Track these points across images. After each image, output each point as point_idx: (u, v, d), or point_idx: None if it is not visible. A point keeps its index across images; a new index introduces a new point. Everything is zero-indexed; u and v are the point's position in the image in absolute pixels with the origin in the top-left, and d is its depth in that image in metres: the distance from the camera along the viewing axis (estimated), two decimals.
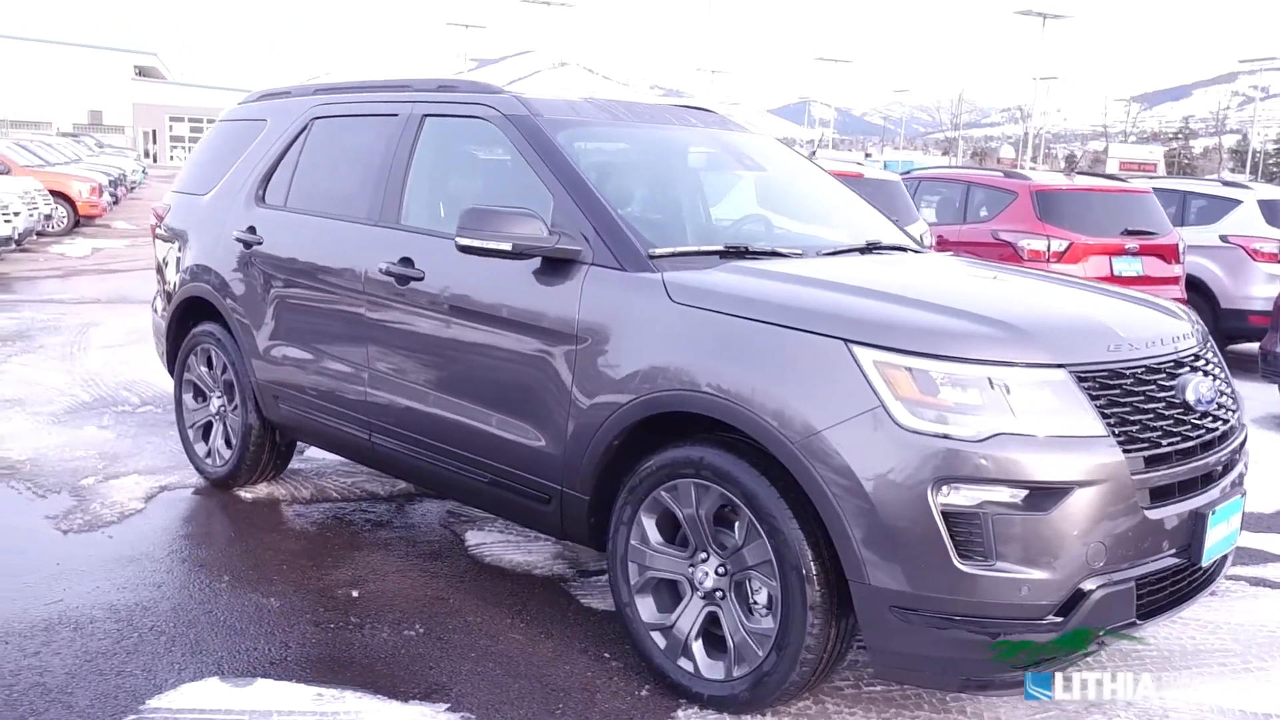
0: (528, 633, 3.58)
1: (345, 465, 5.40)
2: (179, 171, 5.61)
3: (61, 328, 9.07)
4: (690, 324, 3.04)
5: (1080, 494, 2.63)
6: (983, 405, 2.64)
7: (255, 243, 4.57)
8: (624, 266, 3.26)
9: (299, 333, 4.38)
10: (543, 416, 3.40)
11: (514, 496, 3.58)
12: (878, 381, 2.69)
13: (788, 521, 2.80)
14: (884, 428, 2.66)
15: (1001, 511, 2.61)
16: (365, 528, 4.56)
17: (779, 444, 2.78)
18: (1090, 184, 8.94)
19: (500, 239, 3.31)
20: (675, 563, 3.14)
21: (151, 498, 4.81)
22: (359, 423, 4.12)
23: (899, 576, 2.66)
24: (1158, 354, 2.94)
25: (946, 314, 2.84)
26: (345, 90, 4.63)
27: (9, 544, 4.18)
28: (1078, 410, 2.69)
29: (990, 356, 2.68)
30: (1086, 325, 2.93)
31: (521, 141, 3.66)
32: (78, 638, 3.39)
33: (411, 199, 4.01)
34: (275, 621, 3.58)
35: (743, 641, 2.96)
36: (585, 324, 3.27)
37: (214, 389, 4.96)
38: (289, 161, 4.64)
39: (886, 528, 2.65)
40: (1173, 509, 2.82)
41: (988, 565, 2.62)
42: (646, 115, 4.14)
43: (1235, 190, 9.99)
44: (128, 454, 5.44)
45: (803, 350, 2.81)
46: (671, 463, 3.07)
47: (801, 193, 4.40)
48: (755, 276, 3.18)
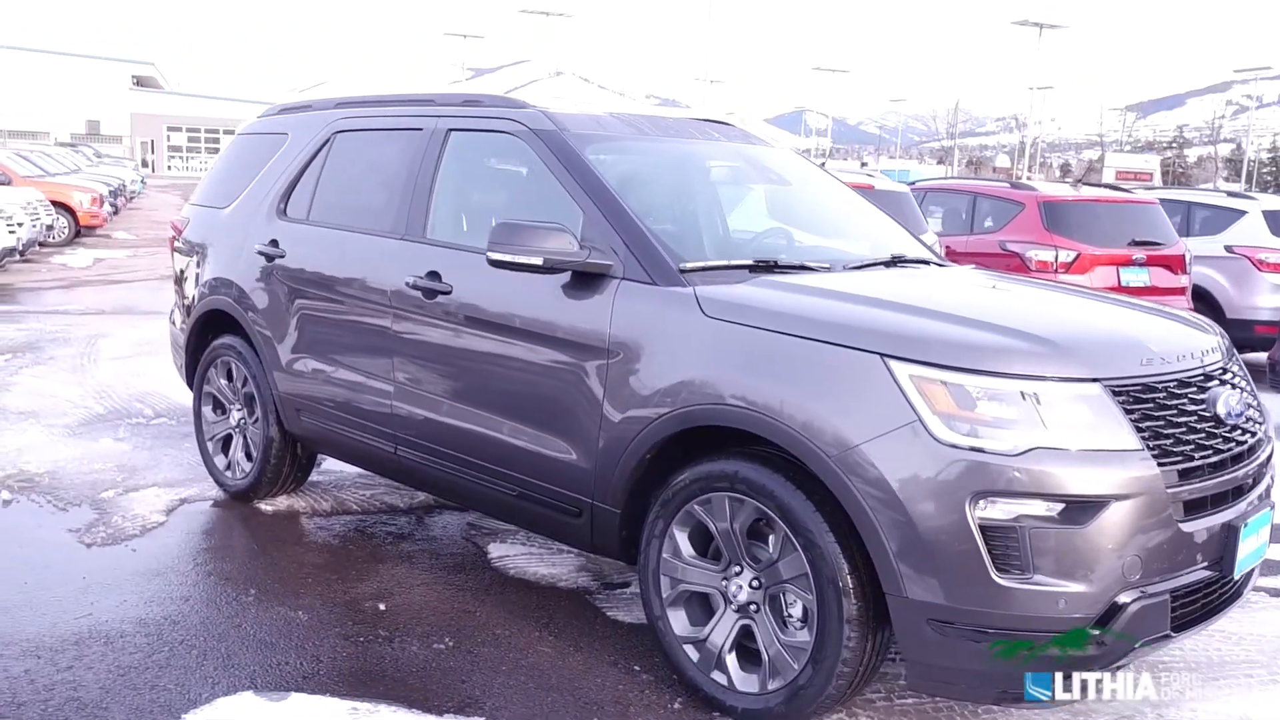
0: (557, 645, 3.59)
1: (363, 477, 5.41)
2: (198, 185, 5.62)
3: (70, 339, 9.07)
4: (724, 338, 3.06)
5: (1116, 507, 2.65)
6: (1019, 419, 2.66)
7: (277, 256, 4.59)
8: (655, 281, 3.28)
9: (322, 345, 4.39)
10: (573, 430, 3.42)
11: (543, 510, 3.60)
12: (914, 396, 2.71)
13: (824, 535, 2.82)
14: (921, 442, 2.68)
15: (1038, 525, 2.63)
16: (387, 540, 4.56)
17: (815, 458, 2.80)
18: (1097, 195, 8.98)
19: (531, 253, 3.33)
20: (708, 576, 3.15)
21: (172, 510, 4.81)
22: (383, 435, 4.13)
23: (936, 590, 2.68)
24: (1188, 368, 2.96)
25: (981, 328, 2.87)
26: (367, 104, 4.65)
27: (34, 557, 4.19)
28: (1112, 424, 2.71)
29: (1026, 371, 2.70)
30: (1119, 339, 2.96)
31: (549, 156, 3.69)
32: (109, 652, 3.40)
33: (438, 213, 4.03)
34: (305, 635, 3.59)
35: (778, 654, 2.97)
36: (617, 338, 3.29)
37: (234, 402, 4.98)
38: (311, 175, 4.66)
39: (924, 541, 2.66)
40: (1205, 522, 2.84)
41: (1025, 578, 2.64)
42: (670, 129, 4.17)
43: (1240, 201, 10.05)
44: (145, 466, 5.44)
45: (839, 365, 2.83)
46: (705, 476, 3.08)
47: (823, 206, 4.43)
48: (788, 291, 3.20)
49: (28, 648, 3.40)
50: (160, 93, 69.46)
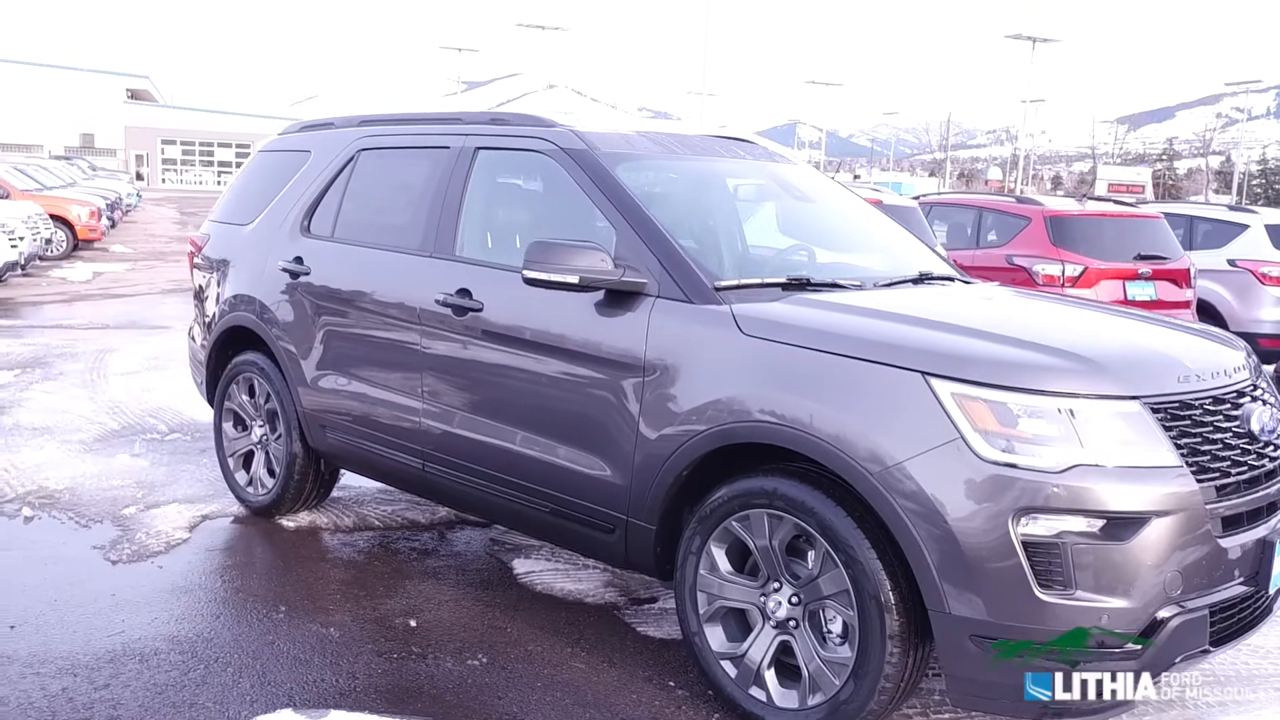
0: (590, 661, 3.60)
1: (384, 493, 5.42)
2: (217, 201, 5.64)
3: (78, 354, 9.06)
4: (763, 356, 3.09)
5: (1158, 524, 2.68)
6: (1061, 436, 2.69)
7: (302, 273, 4.61)
8: (691, 299, 3.31)
9: (348, 362, 4.41)
10: (607, 446, 3.44)
11: (576, 526, 3.61)
12: (956, 414, 2.74)
13: (865, 551, 2.85)
14: (963, 459, 2.71)
15: (1080, 541, 2.66)
16: (412, 556, 4.57)
17: (858, 475, 2.82)
18: (1102, 209, 9.04)
19: (567, 272, 3.35)
20: (746, 592, 3.17)
21: (195, 527, 4.82)
22: (411, 452, 4.14)
23: (979, 606, 2.70)
24: (1222, 385, 2.99)
25: (1021, 346, 2.90)
26: (392, 122, 4.68)
27: (62, 575, 4.19)
28: (1152, 441, 2.74)
29: (1067, 389, 2.73)
30: (1156, 357, 2.99)
31: (580, 175, 3.71)
32: (144, 670, 3.40)
33: (467, 231, 4.05)
34: (338, 651, 3.59)
35: (818, 670, 2.99)
36: (653, 356, 3.31)
37: (256, 418, 4.99)
38: (335, 192, 4.68)
39: (967, 558, 2.69)
40: (1242, 538, 2.87)
41: (1068, 594, 2.66)
42: (697, 147, 4.20)
43: (1242, 215, 10.12)
44: (164, 483, 5.44)
45: (880, 383, 2.86)
46: (744, 493, 3.11)
47: (845, 222, 4.46)
48: (825, 309, 3.23)
49: (64, 665, 3.41)
50: (154, 106, 69.47)
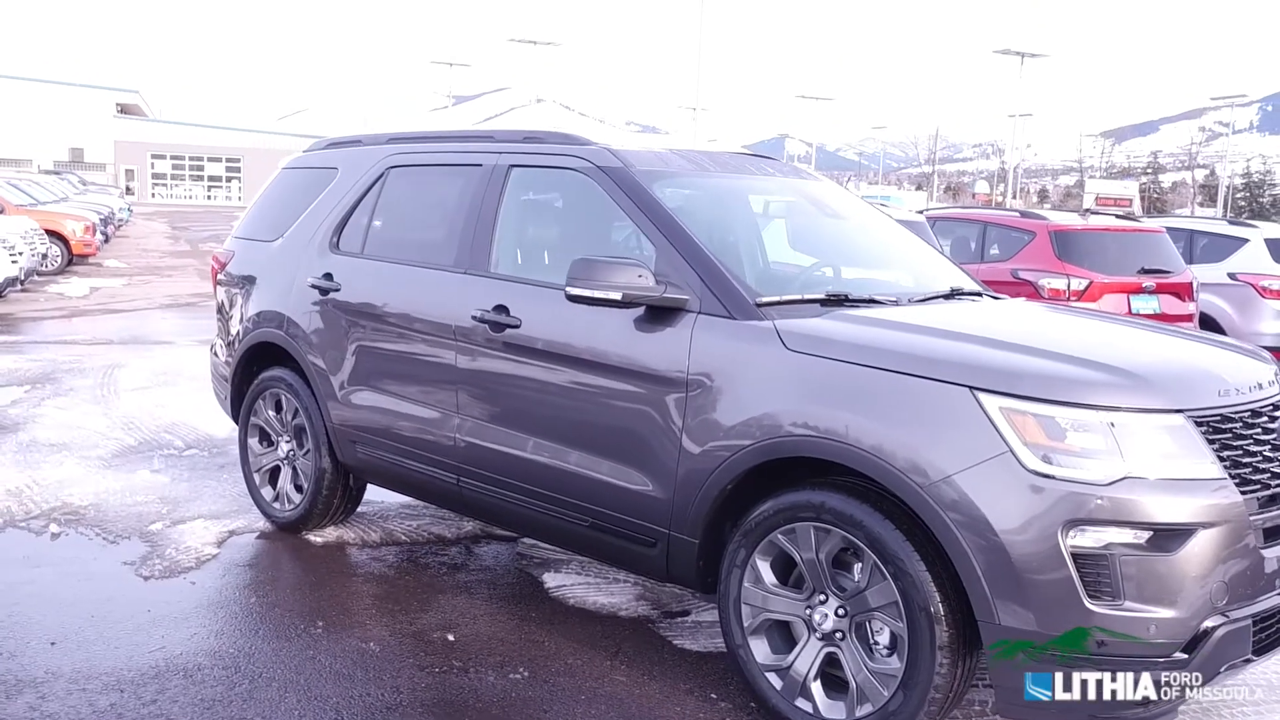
0: (630, 675, 3.63)
1: (407, 508, 5.44)
2: (240, 218, 5.67)
3: (85, 370, 9.05)
4: (810, 372, 3.14)
5: (1204, 535, 2.73)
6: (1107, 450, 2.74)
7: (332, 289, 4.64)
8: (734, 315, 3.36)
9: (380, 377, 4.44)
10: (649, 461, 3.48)
11: (616, 540, 3.64)
12: (1005, 427, 2.79)
13: (914, 564, 2.89)
14: (1012, 472, 2.76)
15: (1128, 553, 2.71)
16: (442, 571, 4.60)
17: (907, 489, 2.87)
18: (1106, 224, 9.15)
19: (610, 289, 3.40)
20: (791, 604, 3.21)
21: (223, 543, 4.83)
22: (446, 467, 4.17)
23: (1029, 617, 2.74)
24: (1259, 398, 3.05)
25: (1066, 361, 2.95)
26: (422, 140, 4.72)
27: (96, 591, 4.20)
28: (1197, 454, 2.80)
29: (1114, 403, 2.79)
30: (1197, 371, 3.05)
31: (618, 193, 3.76)
32: (190, 685, 3.42)
33: (502, 248, 4.09)
34: (380, 666, 3.61)
35: (866, 681, 3.03)
36: (697, 371, 3.35)
37: (282, 434, 5.01)
38: (364, 209, 4.72)
39: (1017, 570, 2.73)
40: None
41: (1117, 605, 2.71)
42: (727, 165, 4.26)
43: (1242, 229, 10.26)
44: (187, 499, 5.45)
45: (928, 397, 2.91)
46: (790, 507, 3.15)
47: (873, 238, 4.51)
48: (867, 325, 3.28)
49: (109, 681, 3.42)
50: (144, 120, 69.38)
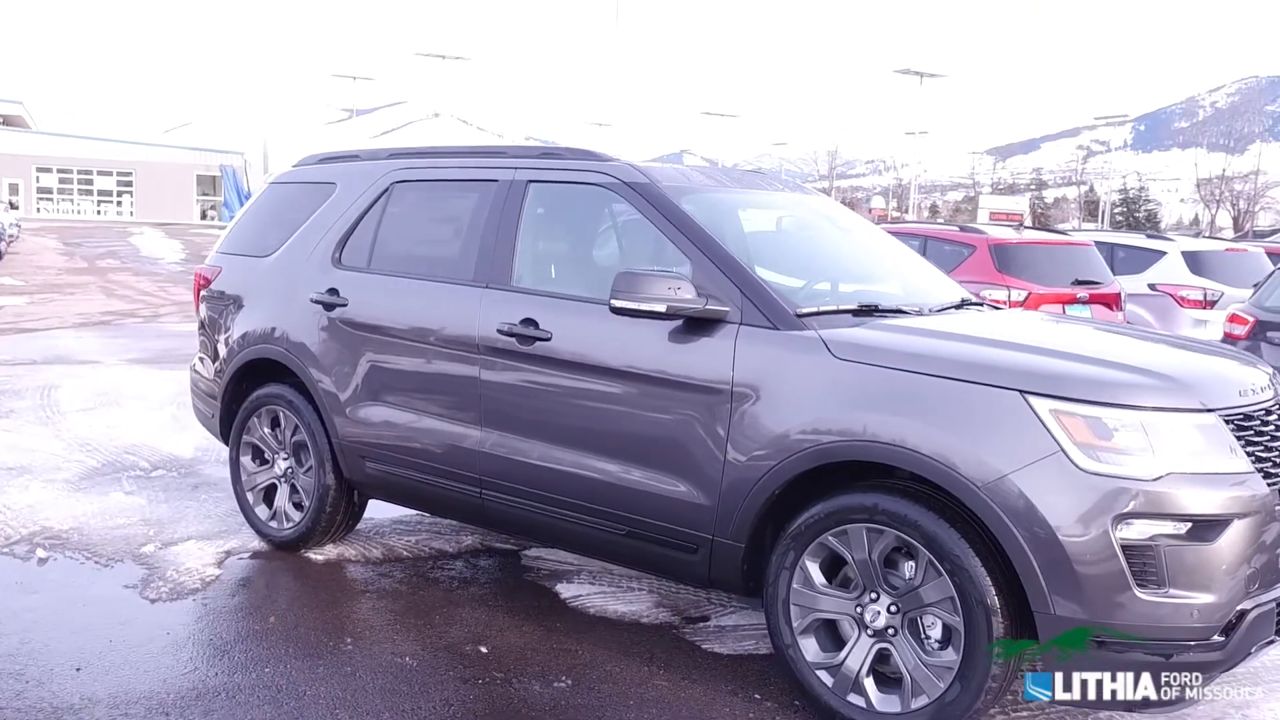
0: (670, 679, 3.70)
1: (402, 524, 5.41)
2: (224, 233, 5.57)
3: (20, 391, 8.71)
4: (859, 379, 3.27)
5: (1239, 524, 2.94)
6: (1151, 447, 2.94)
7: (338, 304, 4.61)
8: (776, 326, 3.47)
9: (394, 391, 4.43)
10: (690, 468, 3.56)
11: (655, 547, 3.71)
12: (1055, 428, 2.96)
13: (970, 560, 3.04)
14: (1064, 470, 2.93)
15: (1172, 543, 2.90)
16: (454, 585, 4.59)
17: (966, 489, 3.02)
18: (1039, 238, 9.58)
19: (655, 301, 3.48)
20: (840, 603, 3.33)
21: (222, 563, 4.74)
22: (467, 480, 4.19)
23: (1082, 606, 2.92)
24: (1269, 398, 3.30)
25: (1107, 365, 3.15)
26: (429, 156, 4.74)
27: (104, 615, 4.09)
28: (1228, 449, 3.02)
29: (1155, 403, 2.99)
30: (1219, 374, 3.29)
31: (649, 208, 3.85)
32: (235, 706, 3.37)
33: (525, 262, 4.14)
34: (424, 680, 3.61)
35: (921, 675, 3.16)
36: (742, 380, 3.46)
37: (279, 451, 4.94)
38: (369, 225, 4.71)
39: (1071, 562, 2.90)
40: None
41: (1163, 592, 2.90)
42: (740, 180, 4.39)
43: (1160, 242, 10.84)
44: (171, 520, 5.32)
45: (981, 402, 3.07)
46: (841, 509, 3.27)
47: (883, 251, 4.66)
48: (911, 334, 3.44)
49: (151, 705, 3.35)
50: (28, 132, 66.49)
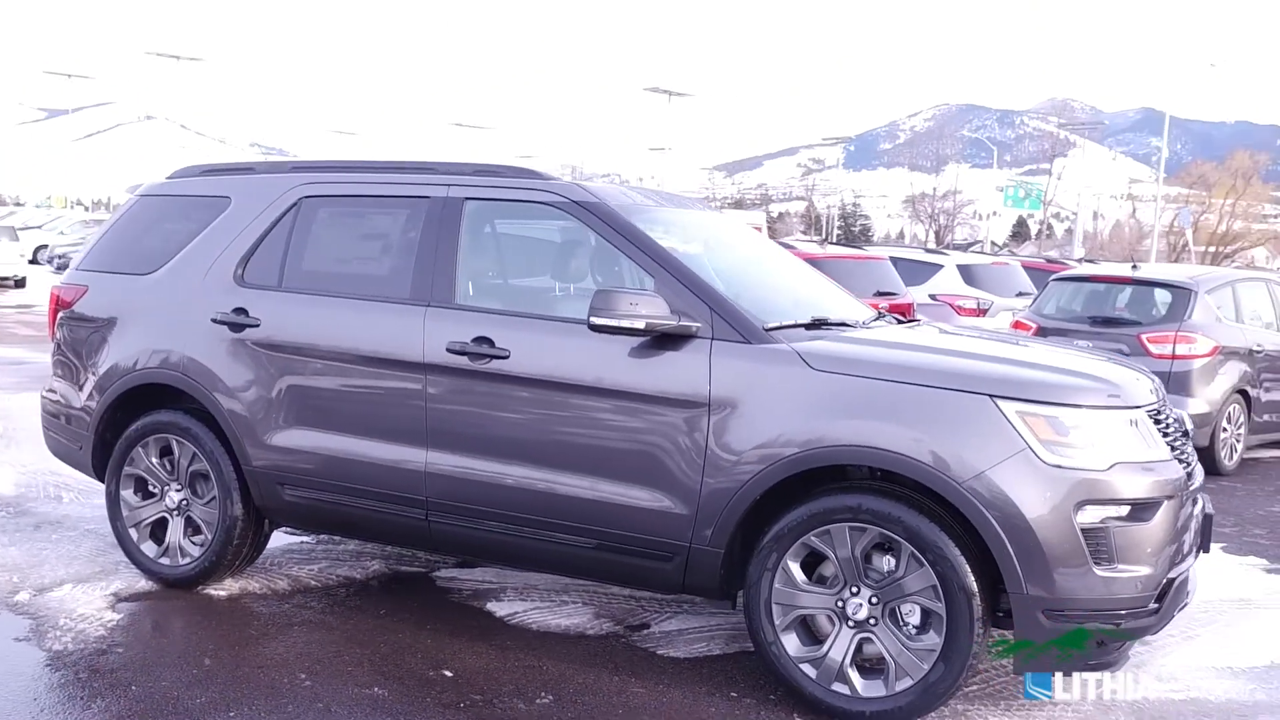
0: (646, 686, 3.80)
1: (295, 552, 5.17)
2: (84, 249, 5.10)
3: None
4: (837, 389, 3.52)
5: (1167, 505, 3.42)
6: (1102, 441, 3.36)
7: (248, 324, 4.36)
8: (748, 340, 3.66)
9: (320, 414, 4.26)
10: (667, 480, 3.68)
11: (626, 558, 3.80)
12: (1022, 428, 3.33)
13: (951, 550, 3.35)
14: (1032, 465, 3.30)
15: (1119, 524, 3.34)
16: (381, 612, 4.44)
17: (947, 486, 3.32)
18: (842, 252, 10.33)
19: (633, 318, 3.58)
20: (821, 599, 3.56)
21: (115, 606, 4.36)
22: (412, 503, 4.09)
23: (1049, 585, 3.29)
24: (1161, 399, 3.84)
25: (1055, 371, 3.57)
26: (340, 170, 4.58)
27: (9, 670, 3.68)
28: (1155, 440, 3.50)
29: (1101, 403, 3.43)
30: (1134, 377, 3.79)
31: (604, 227, 3.94)
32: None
33: (470, 280, 4.11)
34: (406, 710, 3.52)
35: (905, 658, 3.44)
36: (720, 393, 3.62)
37: (171, 482, 4.60)
38: (276, 241, 4.48)
39: (1041, 546, 3.27)
40: (1198, 513, 3.71)
41: (1114, 568, 3.33)
42: (671, 200, 4.55)
43: (937, 256, 11.94)
44: (31, 564, 4.82)
45: (954, 406, 3.39)
46: (825, 510, 3.50)
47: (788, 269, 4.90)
48: (874, 346, 3.73)
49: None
50: None
